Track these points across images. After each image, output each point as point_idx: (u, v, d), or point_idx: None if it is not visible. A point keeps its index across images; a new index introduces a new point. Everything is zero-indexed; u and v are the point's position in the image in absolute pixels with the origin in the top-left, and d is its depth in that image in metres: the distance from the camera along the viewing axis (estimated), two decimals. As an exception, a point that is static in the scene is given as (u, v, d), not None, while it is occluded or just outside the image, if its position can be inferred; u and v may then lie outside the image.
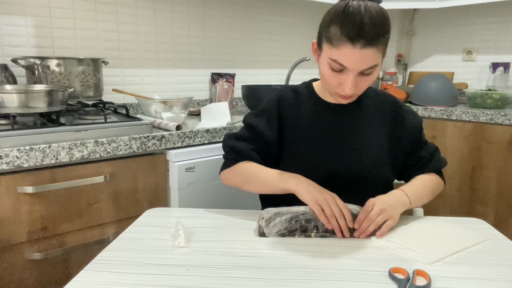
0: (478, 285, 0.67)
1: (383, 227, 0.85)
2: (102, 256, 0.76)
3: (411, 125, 1.04)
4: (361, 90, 0.92)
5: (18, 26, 1.52)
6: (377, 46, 0.83)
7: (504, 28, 2.38)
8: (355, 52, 0.83)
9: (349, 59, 0.84)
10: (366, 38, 0.82)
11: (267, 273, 0.70)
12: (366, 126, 1.02)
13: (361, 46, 0.82)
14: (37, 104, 1.17)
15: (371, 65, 0.85)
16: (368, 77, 0.89)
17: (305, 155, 1.00)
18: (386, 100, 1.06)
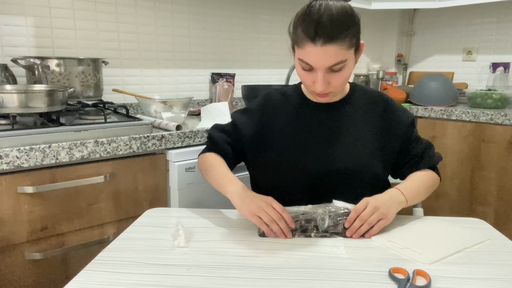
0: (478, 285, 0.67)
1: (374, 227, 0.85)
2: (102, 256, 0.76)
3: (400, 122, 1.04)
4: (335, 87, 0.93)
5: (18, 26, 1.52)
6: (338, 43, 0.85)
7: (504, 28, 2.38)
8: (317, 50, 0.85)
9: (313, 57, 0.87)
10: (324, 36, 0.84)
11: (267, 273, 0.70)
12: (355, 124, 1.02)
13: (321, 44, 0.85)
14: (37, 104, 1.17)
15: (336, 61, 0.87)
16: (339, 74, 0.90)
17: (293, 155, 1.01)
18: (375, 98, 1.06)
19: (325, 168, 0.98)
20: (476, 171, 1.96)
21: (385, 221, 0.86)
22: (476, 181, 1.96)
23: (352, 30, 0.87)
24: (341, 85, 0.93)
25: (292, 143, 1.02)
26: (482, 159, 1.92)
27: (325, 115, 1.03)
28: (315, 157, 0.99)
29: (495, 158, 1.88)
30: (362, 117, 1.03)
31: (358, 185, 0.99)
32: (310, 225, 0.85)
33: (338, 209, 0.86)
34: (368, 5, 2.40)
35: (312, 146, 1.01)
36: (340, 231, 0.86)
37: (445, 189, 2.06)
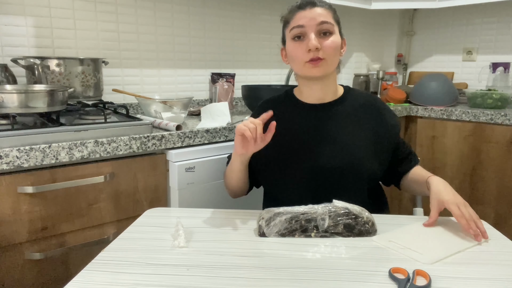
0: (478, 285, 0.67)
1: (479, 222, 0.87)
2: (102, 256, 0.76)
3: (393, 124, 1.09)
4: (326, 53, 0.98)
5: (18, 26, 1.52)
6: (324, 8, 1.00)
7: (504, 28, 2.38)
8: (306, 13, 0.99)
9: (303, 17, 0.99)
10: (311, 3, 1.00)
11: (267, 273, 0.70)
12: (349, 124, 1.05)
13: (309, 8, 0.99)
14: (37, 104, 1.17)
15: (325, 19, 0.98)
16: (328, 39, 0.98)
17: (289, 156, 1.05)
18: (366, 99, 1.10)
19: (320, 166, 1.00)
20: (476, 171, 1.96)
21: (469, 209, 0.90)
22: (476, 181, 1.96)
23: (334, 10, 1.03)
24: (331, 52, 0.99)
25: (288, 143, 1.06)
26: (482, 159, 1.93)
27: (318, 115, 1.06)
28: (311, 155, 1.02)
29: (495, 158, 1.88)
30: (355, 117, 1.06)
31: (355, 183, 1.01)
32: (310, 225, 0.85)
33: (338, 209, 0.86)
34: (368, 5, 2.40)
35: (307, 145, 1.04)
36: (340, 231, 0.86)
37: (445, 189, 2.05)
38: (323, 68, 1.00)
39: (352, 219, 0.86)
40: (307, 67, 1.00)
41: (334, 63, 1.03)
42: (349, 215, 0.86)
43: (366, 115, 1.07)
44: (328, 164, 1.00)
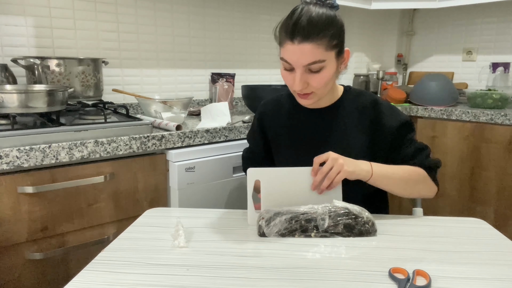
0: (478, 285, 0.67)
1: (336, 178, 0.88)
2: (102, 256, 0.76)
3: (390, 123, 1.02)
4: (315, 88, 0.94)
5: (18, 26, 1.52)
6: (314, 42, 0.88)
7: (504, 28, 2.38)
8: (294, 47, 0.90)
9: (291, 54, 0.91)
10: (301, 34, 0.88)
11: (267, 273, 0.70)
12: (346, 129, 1.04)
13: (298, 42, 0.89)
14: (37, 104, 1.17)
15: (313, 60, 0.90)
16: (317, 75, 0.92)
17: (286, 157, 1.08)
18: (365, 100, 1.06)
19: None
20: (476, 171, 1.96)
21: (342, 174, 0.89)
22: (476, 181, 1.96)
23: (331, 32, 0.90)
24: (321, 87, 0.94)
25: (285, 145, 1.09)
26: (482, 159, 1.92)
27: (316, 120, 1.06)
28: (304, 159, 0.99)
29: (495, 158, 1.88)
30: (352, 121, 1.04)
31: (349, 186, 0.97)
32: (310, 225, 0.85)
33: (338, 209, 0.86)
34: (368, 5, 2.40)
35: (304, 149, 1.06)
36: (340, 231, 0.86)
37: (445, 189, 2.06)
38: (312, 100, 0.99)
39: (352, 219, 0.86)
40: (297, 96, 0.99)
41: (326, 91, 0.99)
42: (349, 215, 0.86)
43: (361, 118, 1.04)
44: None
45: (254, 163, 1.20)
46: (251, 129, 1.24)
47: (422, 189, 1.01)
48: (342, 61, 0.98)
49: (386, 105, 1.06)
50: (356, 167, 0.92)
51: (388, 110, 1.05)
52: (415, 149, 1.03)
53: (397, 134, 1.02)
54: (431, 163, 1.02)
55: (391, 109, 1.05)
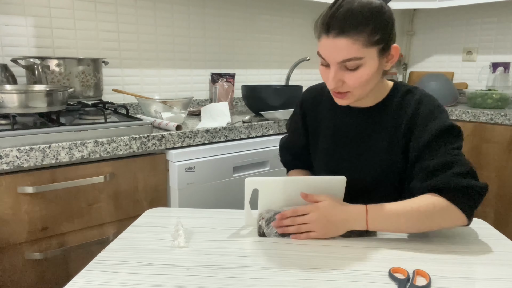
0: (478, 285, 0.67)
1: (302, 235, 0.82)
2: (102, 256, 0.76)
3: (425, 127, 0.86)
4: (351, 88, 0.85)
5: (18, 26, 1.52)
6: (350, 37, 0.79)
7: (504, 28, 2.38)
8: (329, 42, 0.81)
9: (325, 49, 0.82)
10: (336, 27, 0.79)
11: (267, 273, 0.70)
12: (386, 131, 0.92)
13: (333, 36, 0.80)
14: (37, 104, 1.17)
15: (348, 56, 0.80)
16: (354, 73, 0.82)
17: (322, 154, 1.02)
18: (411, 99, 0.90)
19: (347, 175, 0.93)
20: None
21: (315, 235, 0.82)
22: (476, 181, 1.96)
23: (372, 26, 0.79)
24: (359, 87, 0.84)
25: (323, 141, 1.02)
26: (482, 159, 1.92)
27: (357, 120, 0.96)
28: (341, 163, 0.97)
29: (495, 158, 1.88)
30: (396, 124, 0.91)
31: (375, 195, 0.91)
32: (310, 225, 0.85)
33: None
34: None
35: (341, 150, 0.98)
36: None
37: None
38: (349, 100, 0.88)
39: None
40: (333, 94, 0.89)
41: (365, 92, 0.87)
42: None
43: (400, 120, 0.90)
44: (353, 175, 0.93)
45: (292, 153, 1.15)
46: (292, 117, 1.14)
47: (440, 223, 0.80)
48: (389, 59, 0.86)
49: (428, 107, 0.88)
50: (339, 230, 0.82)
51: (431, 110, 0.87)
52: (442, 163, 0.81)
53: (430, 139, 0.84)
54: (461, 184, 0.78)
55: (430, 113, 0.87)
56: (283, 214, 0.84)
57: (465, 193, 0.77)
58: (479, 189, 0.78)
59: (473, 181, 0.78)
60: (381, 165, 0.92)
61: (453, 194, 0.78)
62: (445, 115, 0.86)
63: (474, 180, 0.79)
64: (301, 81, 2.52)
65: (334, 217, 0.82)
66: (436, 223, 0.79)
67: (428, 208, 0.78)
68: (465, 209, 0.78)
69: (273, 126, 1.60)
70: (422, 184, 0.82)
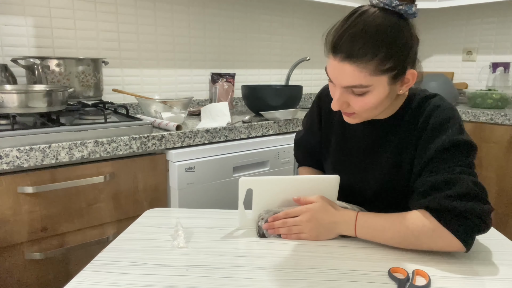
0: (478, 285, 0.67)
1: (293, 236, 0.83)
2: (102, 256, 0.76)
3: (431, 141, 0.80)
4: (357, 110, 0.80)
5: (18, 26, 1.52)
6: (357, 64, 0.72)
7: (504, 28, 2.38)
8: (335, 64, 0.75)
9: (332, 70, 0.77)
10: (343, 51, 0.73)
11: (267, 273, 0.70)
12: (399, 145, 0.86)
13: (340, 59, 0.74)
14: (37, 104, 1.17)
15: (353, 83, 0.75)
16: (360, 98, 0.77)
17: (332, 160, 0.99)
18: (423, 110, 0.83)
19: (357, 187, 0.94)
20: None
21: (305, 236, 0.82)
22: (476, 181, 1.96)
23: (384, 54, 0.72)
24: (365, 111, 0.79)
25: (334, 148, 0.99)
26: (482, 159, 1.92)
27: (369, 132, 0.91)
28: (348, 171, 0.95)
29: (495, 158, 1.88)
30: (403, 137, 0.86)
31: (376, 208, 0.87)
32: (309, 225, 0.85)
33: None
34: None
35: (348, 159, 0.95)
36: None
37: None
38: (356, 120, 0.84)
39: None
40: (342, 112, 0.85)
41: (373, 114, 0.82)
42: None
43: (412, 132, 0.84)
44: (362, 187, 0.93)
45: (304, 150, 1.12)
46: (309, 113, 1.09)
47: (429, 244, 0.74)
48: (404, 83, 0.79)
49: (438, 119, 0.81)
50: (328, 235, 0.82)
51: (434, 127, 0.80)
52: (440, 182, 0.75)
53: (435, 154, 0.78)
54: (455, 207, 0.71)
55: (439, 126, 0.80)
56: (275, 216, 0.84)
57: (459, 217, 0.71)
58: (477, 212, 0.71)
59: (471, 204, 0.71)
60: (386, 179, 0.89)
61: (445, 217, 0.72)
62: (456, 129, 0.78)
63: (474, 203, 0.71)
64: (301, 81, 2.52)
65: (324, 220, 0.81)
66: (424, 243, 0.74)
67: (417, 227, 0.74)
68: (458, 233, 0.71)
69: (273, 126, 1.60)
70: (417, 201, 0.77)
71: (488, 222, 0.72)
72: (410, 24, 0.77)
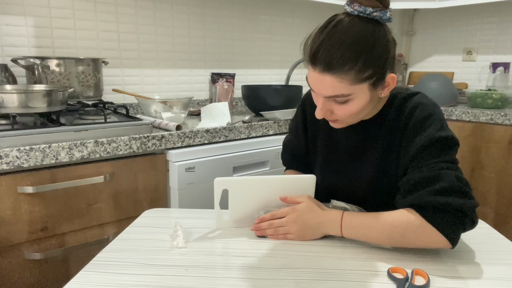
0: (478, 285, 0.67)
1: (280, 236, 0.83)
2: (101, 256, 0.76)
3: (413, 139, 0.80)
4: (340, 117, 0.81)
5: (18, 26, 1.52)
6: (338, 75, 0.72)
7: (504, 28, 2.38)
8: (315, 75, 0.76)
9: (312, 80, 0.77)
10: (321, 63, 0.73)
11: (267, 273, 0.70)
12: (383, 144, 0.86)
13: (319, 71, 0.74)
14: (37, 104, 1.17)
15: (334, 93, 0.75)
16: (342, 106, 0.78)
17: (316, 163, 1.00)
18: (405, 109, 0.84)
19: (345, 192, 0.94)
20: (476, 171, 1.96)
21: (291, 237, 0.82)
22: (476, 181, 1.96)
23: (362, 63, 0.72)
24: (348, 117, 0.80)
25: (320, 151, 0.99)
26: (482, 159, 1.92)
27: (354, 133, 0.91)
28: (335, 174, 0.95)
29: (495, 158, 1.88)
30: (386, 137, 0.86)
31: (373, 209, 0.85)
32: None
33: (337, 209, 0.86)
34: (368, 5, 2.40)
35: (334, 162, 0.95)
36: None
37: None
38: (340, 124, 0.85)
39: None
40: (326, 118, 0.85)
41: (357, 119, 0.84)
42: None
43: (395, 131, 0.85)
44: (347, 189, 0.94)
45: (291, 154, 1.11)
46: (294, 118, 1.09)
47: (414, 241, 0.75)
48: (384, 87, 0.79)
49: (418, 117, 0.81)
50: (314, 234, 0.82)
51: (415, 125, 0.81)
52: (423, 178, 0.75)
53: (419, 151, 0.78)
54: (438, 202, 0.71)
55: (420, 123, 0.80)
56: (261, 218, 0.84)
57: (444, 212, 0.71)
58: (462, 207, 0.70)
59: (455, 199, 0.70)
60: (373, 181, 0.88)
61: (429, 213, 0.72)
62: (437, 125, 0.78)
63: (458, 198, 0.71)
64: (301, 81, 2.52)
65: (310, 220, 0.81)
66: (410, 240, 0.74)
67: (401, 225, 0.74)
68: (442, 229, 0.71)
69: (273, 126, 1.60)
70: (402, 200, 0.77)
71: (474, 217, 0.72)
72: (386, 28, 0.77)
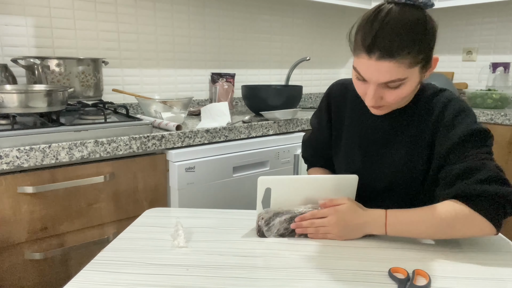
0: (478, 285, 0.67)
1: (320, 235, 0.83)
2: (101, 256, 0.76)
3: (448, 133, 0.82)
4: (390, 103, 0.82)
5: (18, 26, 1.52)
6: (396, 60, 0.74)
7: (504, 28, 2.38)
8: (370, 64, 0.76)
9: (365, 70, 0.78)
10: (381, 50, 0.74)
11: (267, 273, 0.70)
12: (411, 136, 0.89)
13: (376, 58, 0.75)
14: (37, 104, 1.17)
15: (391, 78, 0.77)
16: (394, 91, 0.79)
17: (344, 154, 1.00)
18: (436, 104, 0.86)
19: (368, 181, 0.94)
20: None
21: (331, 236, 0.83)
22: (476, 181, 1.95)
23: (419, 47, 0.75)
24: (397, 102, 0.82)
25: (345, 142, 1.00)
26: (482, 159, 1.92)
27: (382, 123, 0.93)
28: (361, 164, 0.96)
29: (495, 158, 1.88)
30: (416, 129, 0.88)
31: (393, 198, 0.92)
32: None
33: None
34: (368, 5, 2.40)
35: (361, 152, 0.96)
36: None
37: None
38: (385, 111, 0.86)
39: None
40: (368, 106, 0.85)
41: (402, 103, 0.86)
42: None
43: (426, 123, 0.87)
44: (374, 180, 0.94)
45: (313, 150, 1.12)
46: (317, 111, 1.09)
47: (463, 231, 0.76)
48: (429, 71, 0.82)
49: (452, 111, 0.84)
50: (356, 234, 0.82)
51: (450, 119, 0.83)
52: (465, 169, 0.77)
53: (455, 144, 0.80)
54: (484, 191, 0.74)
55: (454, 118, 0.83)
56: (302, 216, 0.84)
57: (490, 200, 0.73)
58: (505, 194, 0.73)
59: (499, 187, 0.73)
60: (399, 171, 0.90)
61: (476, 202, 0.74)
62: (471, 119, 0.82)
63: (502, 186, 0.74)
64: (301, 81, 2.52)
65: (353, 221, 0.82)
66: (458, 231, 0.75)
67: (450, 216, 0.75)
68: (490, 217, 0.73)
69: (273, 126, 1.60)
70: (445, 191, 0.79)
71: None
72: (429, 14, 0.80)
